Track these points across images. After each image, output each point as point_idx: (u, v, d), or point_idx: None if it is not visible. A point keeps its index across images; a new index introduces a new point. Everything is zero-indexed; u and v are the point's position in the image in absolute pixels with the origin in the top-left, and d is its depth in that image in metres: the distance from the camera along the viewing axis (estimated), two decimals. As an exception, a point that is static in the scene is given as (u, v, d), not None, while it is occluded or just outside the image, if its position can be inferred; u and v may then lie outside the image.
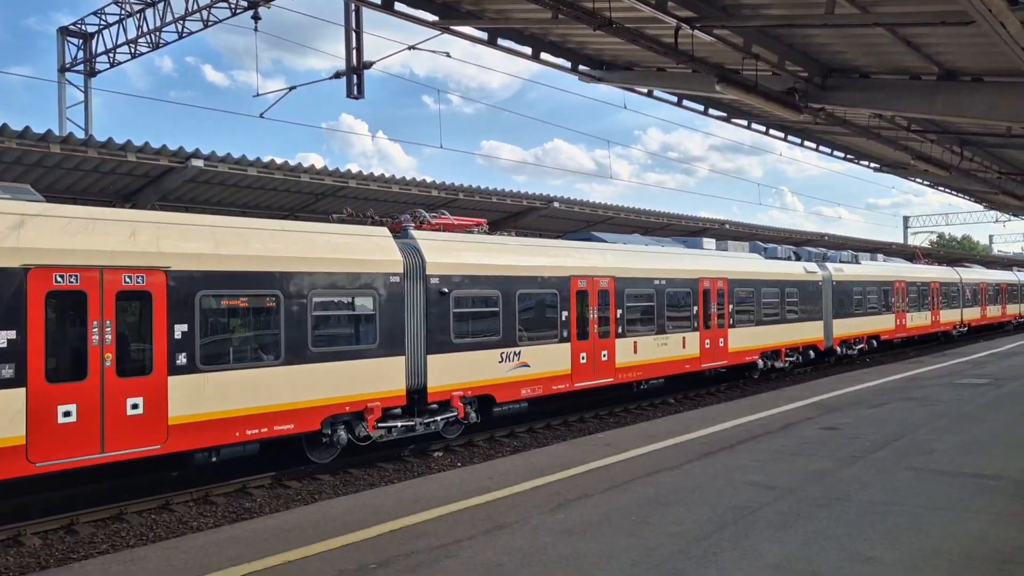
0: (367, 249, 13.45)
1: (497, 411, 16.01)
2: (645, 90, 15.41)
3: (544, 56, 12.74)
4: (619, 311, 18.36)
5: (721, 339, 22.18)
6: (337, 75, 13.79)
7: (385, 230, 14.23)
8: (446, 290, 14.58)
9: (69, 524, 10.46)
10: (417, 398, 14.13)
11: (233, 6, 18.31)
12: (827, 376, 23.55)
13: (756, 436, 11.99)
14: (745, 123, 18.66)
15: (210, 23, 18.99)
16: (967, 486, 8.64)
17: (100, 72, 21.69)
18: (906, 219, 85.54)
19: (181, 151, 15.42)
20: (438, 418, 14.34)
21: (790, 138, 20.94)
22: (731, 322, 22.52)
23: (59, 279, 9.88)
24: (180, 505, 11.51)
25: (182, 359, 10.93)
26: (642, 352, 19.10)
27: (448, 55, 13.36)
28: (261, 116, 16.13)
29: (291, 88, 15.29)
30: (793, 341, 25.64)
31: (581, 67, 13.66)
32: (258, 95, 15.47)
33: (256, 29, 16.38)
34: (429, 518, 7.85)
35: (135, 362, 10.58)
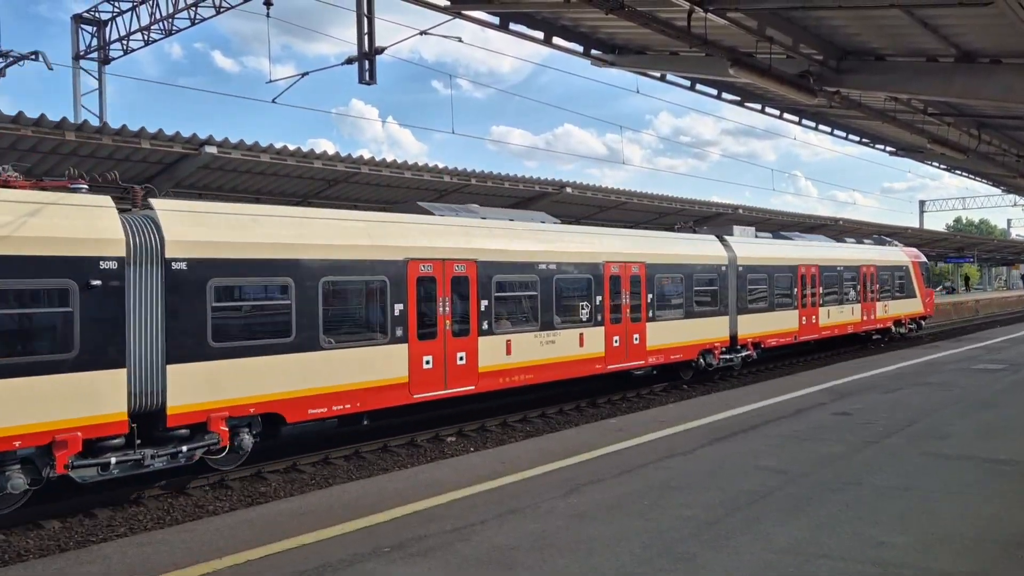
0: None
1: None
2: (658, 74, 15.32)
3: (556, 40, 12.68)
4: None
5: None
6: (349, 61, 13.76)
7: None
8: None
9: (88, 508, 10.59)
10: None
11: (245, -8, 18.32)
12: (844, 360, 23.45)
13: (768, 421, 11.98)
14: (759, 107, 18.53)
15: (222, 9, 19.01)
16: (981, 470, 8.62)
17: (114, 59, 21.82)
18: (922, 203, 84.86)
19: (195, 138, 15.48)
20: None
21: (804, 122, 20.78)
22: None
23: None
24: (196, 490, 11.63)
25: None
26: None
27: (460, 40, 13.29)
28: (273, 101, 16.21)
29: (304, 74, 15.31)
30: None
31: (593, 51, 13.59)
32: (271, 81, 15.57)
33: (268, 15, 16.39)
34: (443, 502, 7.91)
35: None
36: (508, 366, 15.45)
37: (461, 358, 14.51)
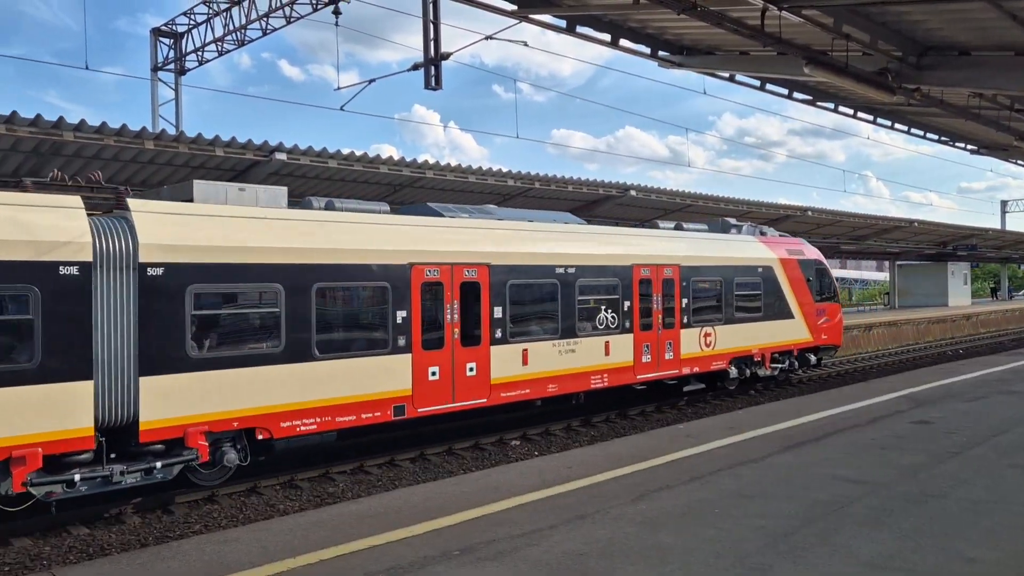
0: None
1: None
2: (727, 75, 15.04)
3: (623, 43, 12.56)
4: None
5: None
6: (415, 67, 13.90)
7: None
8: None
9: (165, 505, 10.90)
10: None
11: (315, 2, 18.69)
12: (923, 367, 22.63)
13: (842, 429, 11.62)
14: (831, 106, 18.04)
15: (292, 19, 19.44)
16: (1076, 485, 8.17)
17: (189, 70, 22.54)
18: (1004, 203, 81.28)
19: (265, 145, 15.84)
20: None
21: (879, 120, 20.13)
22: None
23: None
24: (267, 489, 11.86)
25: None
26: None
27: (526, 44, 13.30)
28: (342, 108, 16.44)
29: (370, 81, 15.52)
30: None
31: (661, 53, 13.41)
32: (339, 88, 15.91)
33: (337, 24, 16.68)
34: (510, 506, 7.88)
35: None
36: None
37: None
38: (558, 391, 15.02)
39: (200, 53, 21.96)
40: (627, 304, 16.49)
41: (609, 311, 16.12)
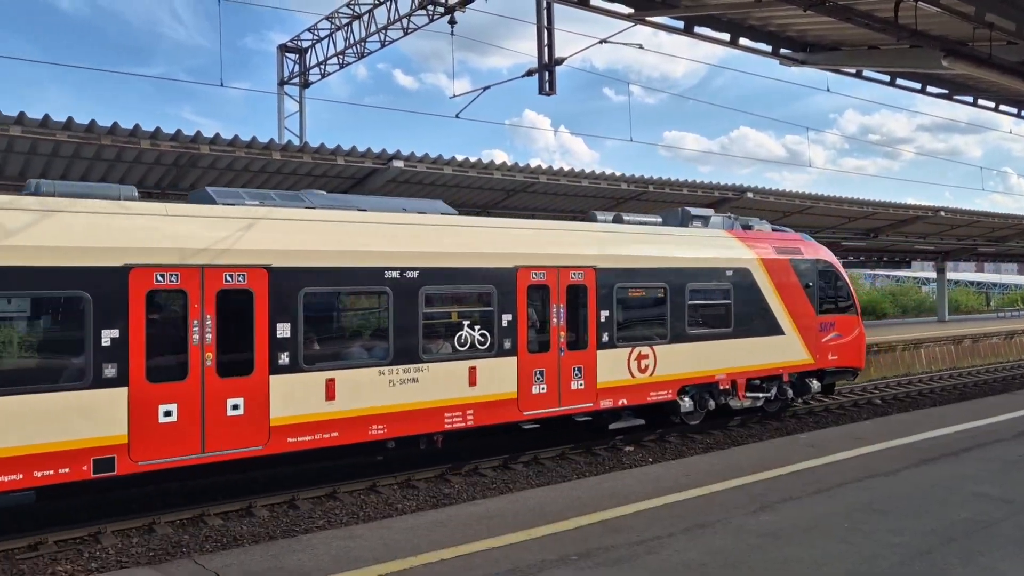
0: None
1: None
2: (853, 70, 14.39)
3: (743, 41, 12.22)
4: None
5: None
6: (529, 73, 14.02)
7: None
8: None
9: (291, 499, 11.38)
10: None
11: (431, 13, 19.16)
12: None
13: (983, 444, 10.89)
14: (970, 99, 16.94)
15: (409, 31, 20.00)
16: None
17: (312, 83, 23.55)
18: None
19: (384, 153, 16.32)
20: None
21: None
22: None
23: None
24: (386, 487, 12.19)
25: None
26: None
27: (640, 47, 13.13)
28: (457, 116, 16.76)
29: (485, 88, 15.77)
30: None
31: (782, 51, 12.97)
32: (454, 96, 16.26)
33: (452, 33, 17.03)
34: (627, 513, 7.79)
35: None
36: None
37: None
38: (387, 434, 11.51)
39: (323, 67, 22.90)
40: (507, 318, 12.76)
41: (476, 328, 12.46)
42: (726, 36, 11.97)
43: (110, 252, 9.53)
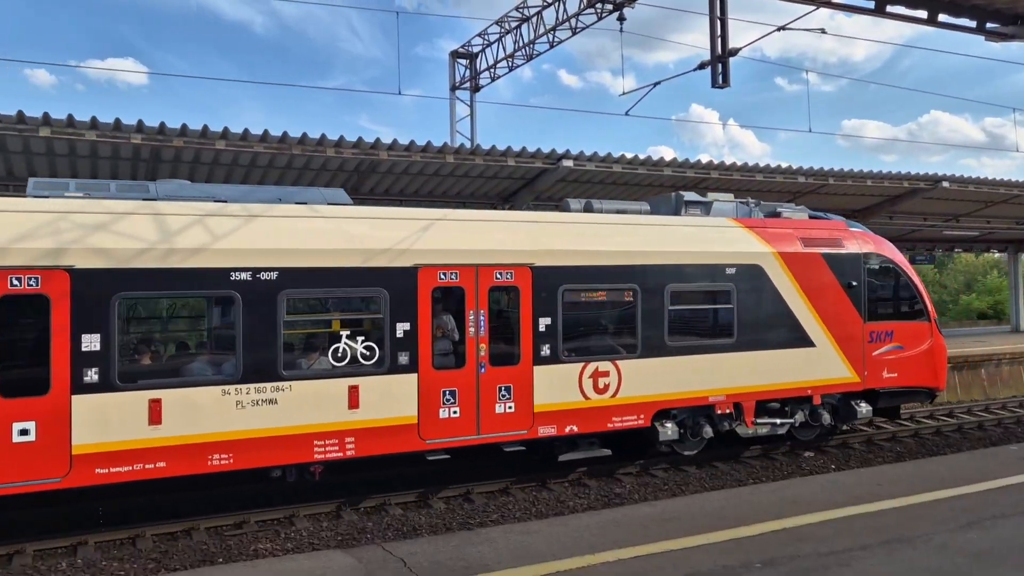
0: None
1: None
2: (1073, 40, 12.88)
3: (941, 18, 11.26)
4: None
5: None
6: (701, 66, 13.59)
7: None
8: None
9: (466, 493, 11.70)
10: None
11: (599, 11, 19.11)
12: None
13: None
14: None
15: (577, 30, 20.05)
16: None
17: (482, 87, 24.17)
18: None
19: (553, 153, 16.44)
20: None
21: None
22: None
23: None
24: (557, 486, 12.26)
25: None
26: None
27: (823, 31, 12.35)
28: (626, 114, 16.56)
29: (655, 84, 15.50)
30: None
31: (989, 25, 11.82)
32: (623, 93, 16.10)
33: (622, 30, 16.88)
34: (813, 521, 7.39)
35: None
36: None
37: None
38: (233, 464, 9.67)
39: (492, 70, 23.43)
40: (403, 328, 10.63)
41: (360, 339, 10.47)
42: (922, 13, 11.07)
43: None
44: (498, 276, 11.23)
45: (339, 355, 10.28)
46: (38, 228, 8.99)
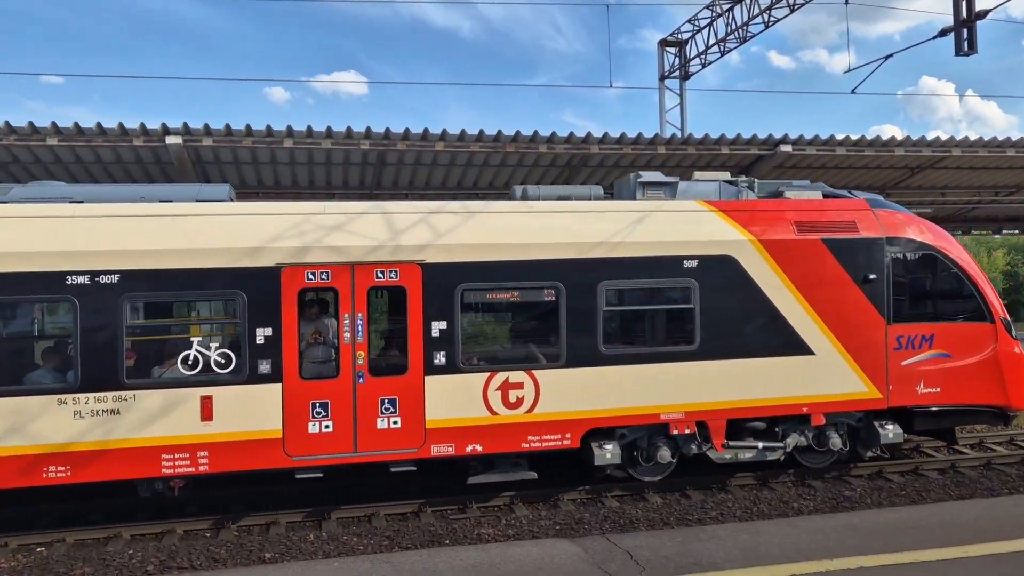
0: None
1: None
2: None
3: None
4: None
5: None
6: (942, 33, 12.41)
7: None
8: None
9: (684, 489, 11.49)
10: None
11: (820, -17, 18.02)
12: None
13: None
14: None
15: (796, 7, 18.98)
16: None
17: (692, 75, 23.59)
18: None
19: (770, 138, 15.71)
20: None
21: None
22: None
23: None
24: (779, 484, 11.70)
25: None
26: None
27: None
28: (853, 92, 15.46)
29: (887, 57, 14.33)
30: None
31: None
32: (849, 70, 14.89)
33: (847, 1, 15.76)
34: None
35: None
36: None
37: None
38: (71, 478, 9.18)
39: (704, 56, 22.80)
40: (264, 333, 9.71)
41: (214, 346, 9.73)
42: None
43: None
44: (379, 275, 9.97)
45: (190, 363, 9.56)
46: None
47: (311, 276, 9.76)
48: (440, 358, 10.01)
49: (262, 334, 9.62)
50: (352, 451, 9.85)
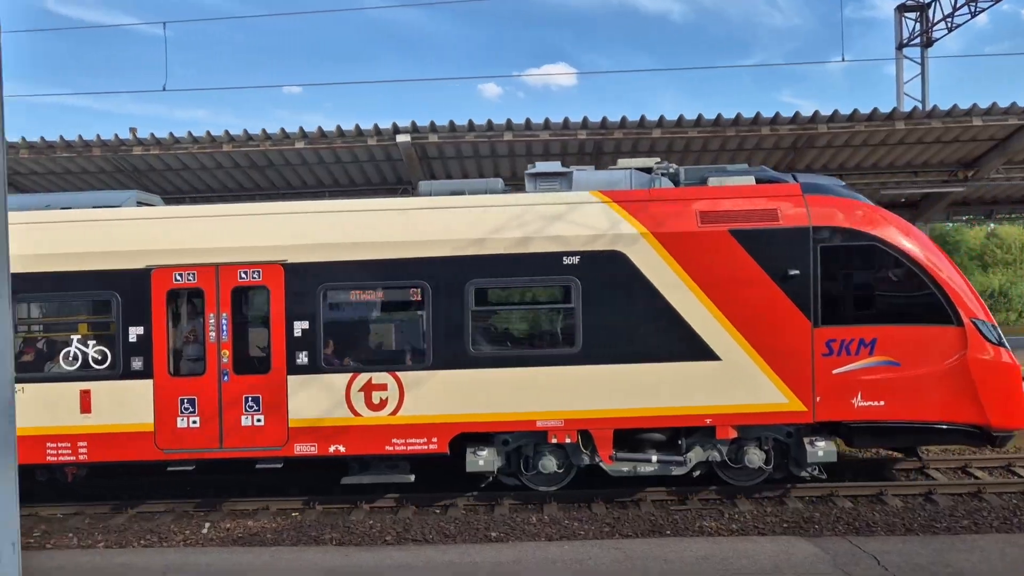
0: None
1: None
2: None
3: None
4: None
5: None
6: None
7: None
8: None
9: (927, 493, 10.54)
10: None
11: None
12: None
13: None
14: None
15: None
16: None
17: (936, 41, 21.43)
18: None
19: (1033, 103, 13.97)
20: None
21: None
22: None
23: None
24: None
25: None
26: None
27: None
28: None
29: None
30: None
31: None
32: None
33: None
34: None
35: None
36: None
37: None
38: None
39: (951, 19, 20.65)
40: (137, 332, 10.08)
41: (92, 343, 10.16)
42: None
43: None
44: (243, 276, 10.13)
45: (71, 359, 10.22)
46: None
47: (179, 277, 10.17)
48: (303, 358, 10.06)
49: (135, 332, 10.16)
50: (218, 447, 10.17)
